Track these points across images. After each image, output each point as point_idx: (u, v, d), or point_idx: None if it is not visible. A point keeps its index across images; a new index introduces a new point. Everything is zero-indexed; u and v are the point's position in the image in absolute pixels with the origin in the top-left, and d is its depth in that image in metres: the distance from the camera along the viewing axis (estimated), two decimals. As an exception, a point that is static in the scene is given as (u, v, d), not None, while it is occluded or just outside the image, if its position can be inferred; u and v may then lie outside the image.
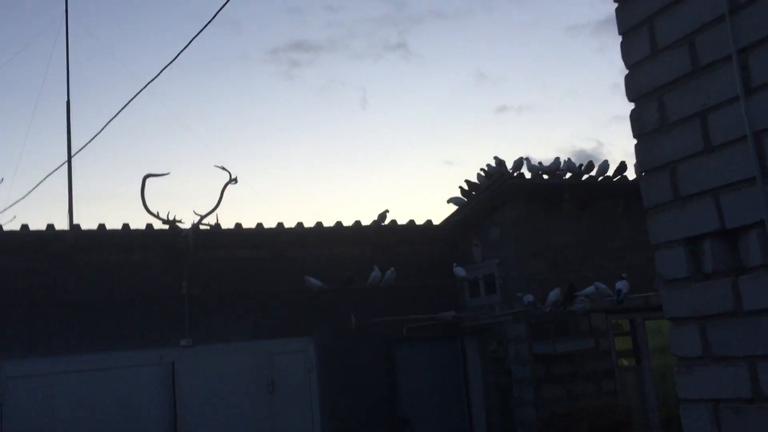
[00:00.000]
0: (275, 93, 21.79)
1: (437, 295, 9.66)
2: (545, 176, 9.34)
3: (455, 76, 22.72)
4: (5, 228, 7.93)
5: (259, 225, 9.14)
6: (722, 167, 2.03)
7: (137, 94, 6.26)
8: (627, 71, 2.39)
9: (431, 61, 22.55)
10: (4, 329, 7.77)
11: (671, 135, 2.20)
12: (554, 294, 8.28)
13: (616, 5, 2.45)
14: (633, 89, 2.36)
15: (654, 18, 2.27)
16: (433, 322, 9.35)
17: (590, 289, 8.27)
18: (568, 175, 9.43)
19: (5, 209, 8.11)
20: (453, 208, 10.07)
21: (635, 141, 2.37)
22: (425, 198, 23.63)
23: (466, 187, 9.85)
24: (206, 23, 5.40)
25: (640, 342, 9.14)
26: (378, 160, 23.08)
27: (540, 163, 9.42)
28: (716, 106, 2.05)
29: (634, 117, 2.35)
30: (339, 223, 9.58)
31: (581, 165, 9.46)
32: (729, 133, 2.00)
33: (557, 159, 9.36)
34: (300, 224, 9.34)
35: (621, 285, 7.92)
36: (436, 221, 10.23)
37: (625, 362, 9.29)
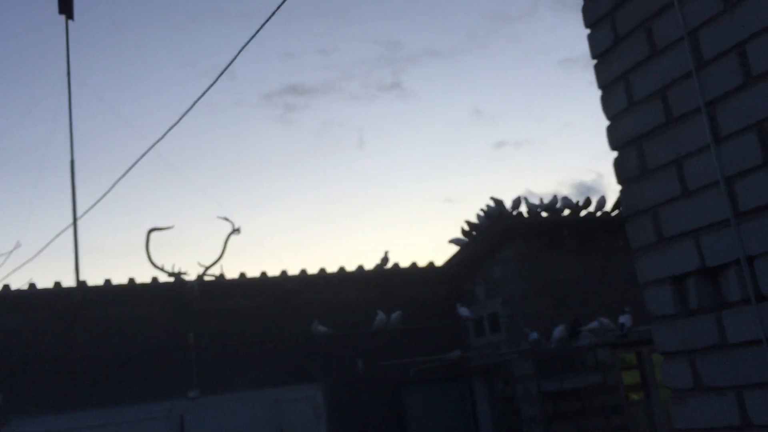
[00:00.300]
0: (271, 137, 22.09)
1: (443, 336, 9.73)
2: (544, 214, 9.50)
3: (451, 114, 23.09)
4: (13, 288, 8.06)
5: (263, 274, 9.27)
6: (699, 210, 2.18)
7: (144, 154, 6.43)
8: (608, 122, 2.56)
9: (427, 100, 22.93)
10: (14, 387, 7.84)
11: (651, 181, 2.35)
12: (559, 330, 8.36)
13: (594, 62, 2.63)
14: (614, 139, 2.52)
15: (629, 74, 2.44)
16: (440, 363, 9.41)
17: (594, 324, 8.35)
18: (567, 211, 9.59)
19: (14, 270, 8.23)
20: (455, 248, 10.22)
21: (620, 187, 2.52)
22: (427, 236, 23.79)
23: (467, 227, 10.01)
24: (215, 80, 5.56)
25: (647, 375, 9.18)
26: (378, 200, 23.28)
27: (541, 200, 9.58)
28: (690, 154, 2.21)
29: (617, 165, 2.50)
30: (342, 269, 9.71)
31: (578, 201, 9.63)
32: (703, 179, 2.16)
33: (555, 197, 9.54)
34: (303, 271, 9.47)
35: (624, 319, 8.00)
36: (438, 260, 10.37)
37: (635, 396, 9.31)
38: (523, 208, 9.58)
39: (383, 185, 22.91)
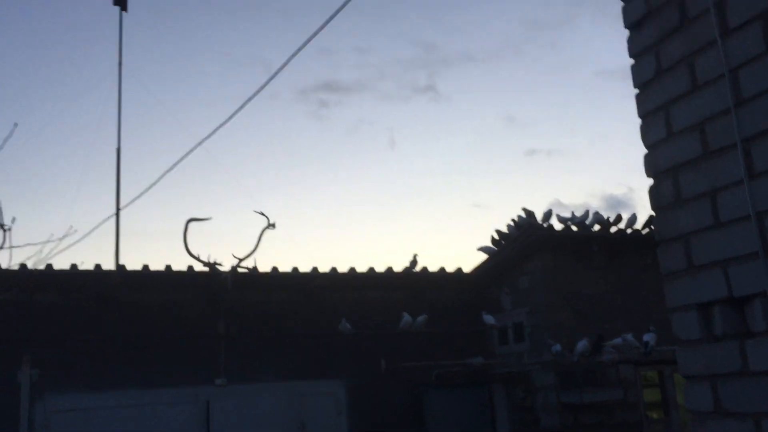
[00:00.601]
0: (305, 133, 22.30)
1: (466, 342, 9.84)
2: (574, 228, 9.55)
3: (484, 119, 23.06)
4: (56, 267, 8.34)
5: (294, 269, 9.46)
6: (730, 241, 2.28)
7: (190, 151, 6.58)
8: (646, 150, 2.66)
9: (460, 104, 22.95)
10: (50, 363, 8.11)
11: (685, 210, 2.45)
12: (582, 344, 8.41)
13: (636, 91, 2.73)
14: (651, 167, 2.62)
15: (669, 105, 2.54)
16: (462, 368, 9.52)
17: (618, 340, 8.40)
18: (597, 227, 9.63)
19: (58, 252, 8.52)
20: (483, 255, 10.31)
21: (654, 213, 2.63)
22: (455, 240, 23.82)
23: (496, 236, 10.10)
24: (272, 74, 5.57)
25: (668, 394, 9.18)
26: (408, 201, 23.37)
27: (572, 213, 9.63)
28: (724, 186, 2.31)
29: (653, 192, 2.61)
30: (371, 269, 9.85)
31: (608, 217, 9.66)
32: (735, 212, 2.26)
33: (586, 212, 9.58)
34: (334, 269, 9.63)
35: (648, 337, 8.03)
36: (466, 265, 10.49)
37: (654, 414, 9.32)
38: (554, 221, 9.65)
39: (413, 187, 23.00)
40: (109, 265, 8.89)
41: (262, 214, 9.40)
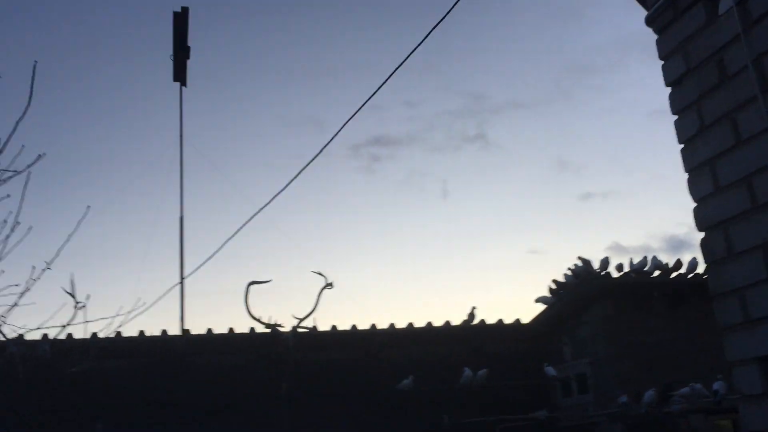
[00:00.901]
0: (358, 187, 22.58)
1: (529, 395, 9.68)
2: (633, 275, 9.41)
3: (536, 165, 22.89)
4: (125, 335, 8.63)
5: (353, 327, 9.55)
6: (785, 294, 2.30)
7: (250, 218, 6.77)
8: (695, 204, 2.71)
9: (511, 151, 22.92)
10: (121, 427, 8.33)
11: (738, 263, 2.48)
12: (649, 395, 8.20)
13: (681, 146, 2.80)
14: (701, 221, 2.67)
15: (714, 160, 2.60)
16: (527, 421, 9.35)
17: (686, 390, 8.16)
18: (657, 272, 9.47)
19: (125, 320, 8.81)
20: (541, 306, 10.22)
21: (706, 266, 2.66)
22: (511, 288, 23.52)
23: (553, 286, 10.02)
24: (330, 138, 5.70)
25: (744, 444, 8.82)
26: (462, 251, 23.22)
27: (631, 260, 9.50)
28: (775, 240, 2.34)
29: (704, 246, 2.65)
30: (429, 324, 9.87)
31: (668, 264, 9.49)
32: (788, 265, 2.28)
33: (645, 258, 9.45)
34: (392, 325, 9.69)
35: (718, 386, 7.78)
36: (524, 313, 10.42)
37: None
38: (612, 268, 9.53)
39: (467, 236, 22.91)
40: (174, 330, 9.16)
41: (320, 274, 9.56)
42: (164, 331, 8.85)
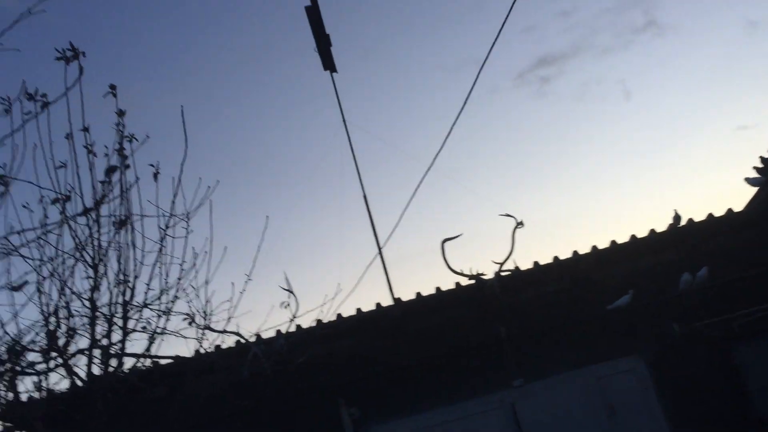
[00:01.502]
0: (535, 115, 21.84)
1: (761, 285, 9.01)
2: None
3: (722, 32, 20.42)
4: (344, 315, 9.31)
5: (555, 258, 9.47)
6: None
7: (425, 175, 7.02)
8: None
9: (689, 27, 20.72)
10: (365, 401, 9.03)
11: None
12: None
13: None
14: None
15: None
16: (767, 312, 8.73)
17: None
18: None
19: (339, 303, 9.52)
20: (753, 189, 9.42)
21: None
22: (720, 175, 21.48)
23: (760, 164, 9.18)
24: (482, 65, 5.85)
25: None
26: (657, 149, 21.58)
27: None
28: None
29: None
30: (633, 237, 9.51)
31: None
32: None
33: None
34: (594, 247, 9.47)
35: None
36: (737, 201, 9.65)
37: None
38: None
39: (660, 133, 21.24)
40: (387, 300, 9.70)
41: (509, 215, 9.61)
42: (378, 304, 9.39)
